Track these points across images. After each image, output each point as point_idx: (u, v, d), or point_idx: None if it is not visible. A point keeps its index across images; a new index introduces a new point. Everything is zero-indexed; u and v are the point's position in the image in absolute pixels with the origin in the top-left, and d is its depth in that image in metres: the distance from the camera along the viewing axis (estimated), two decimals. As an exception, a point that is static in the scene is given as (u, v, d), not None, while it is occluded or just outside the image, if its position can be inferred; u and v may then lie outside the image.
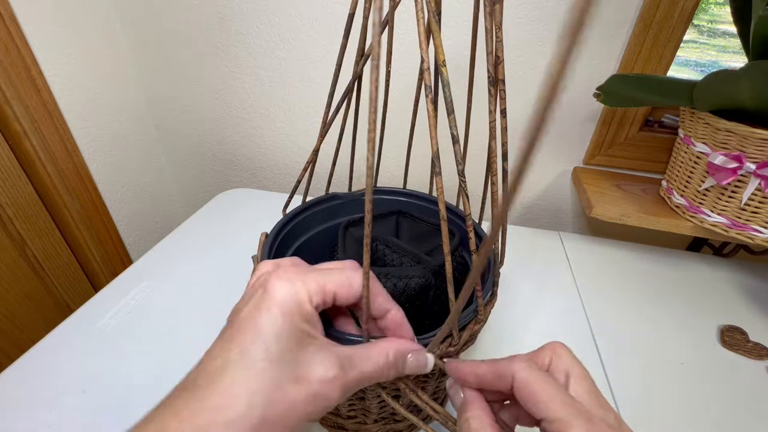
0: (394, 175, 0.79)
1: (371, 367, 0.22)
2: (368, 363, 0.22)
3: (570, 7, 0.31)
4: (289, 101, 0.75)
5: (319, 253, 0.41)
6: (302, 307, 0.21)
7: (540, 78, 0.63)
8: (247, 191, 0.77)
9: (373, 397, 0.31)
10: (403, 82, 0.64)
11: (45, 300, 0.72)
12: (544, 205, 0.77)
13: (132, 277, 0.55)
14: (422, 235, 0.42)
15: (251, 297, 0.22)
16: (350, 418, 0.35)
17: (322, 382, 0.20)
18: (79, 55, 0.68)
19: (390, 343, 0.24)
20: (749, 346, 0.48)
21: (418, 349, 0.25)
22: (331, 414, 0.35)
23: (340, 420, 0.35)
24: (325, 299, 0.22)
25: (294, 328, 0.21)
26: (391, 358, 0.23)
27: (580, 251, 0.64)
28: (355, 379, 0.22)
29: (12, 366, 0.42)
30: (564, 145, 0.69)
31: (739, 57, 0.93)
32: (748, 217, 0.51)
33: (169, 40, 0.74)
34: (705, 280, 0.59)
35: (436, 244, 0.39)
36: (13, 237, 0.65)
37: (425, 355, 0.25)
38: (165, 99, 0.82)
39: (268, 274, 0.22)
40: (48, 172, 0.66)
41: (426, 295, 0.33)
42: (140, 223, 0.88)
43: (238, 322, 0.21)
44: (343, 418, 0.35)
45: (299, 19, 0.66)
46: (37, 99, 0.62)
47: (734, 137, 0.47)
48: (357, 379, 0.22)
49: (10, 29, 0.57)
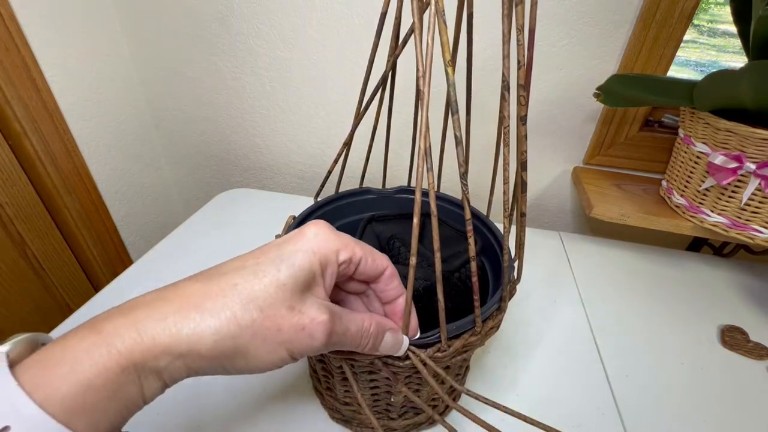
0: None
1: (355, 327, 0.24)
2: (353, 324, 0.24)
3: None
4: (290, 101, 0.75)
5: None
6: (326, 256, 0.23)
7: (539, 78, 0.63)
8: (247, 191, 0.77)
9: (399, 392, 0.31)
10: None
11: (45, 300, 0.72)
12: (544, 205, 0.77)
13: (132, 277, 0.55)
14: (446, 240, 0.42)
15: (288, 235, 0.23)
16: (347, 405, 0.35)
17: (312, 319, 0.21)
18: (79, 55, 0.68)
19: (374, 317, 0.25)
20: (749, 346, 0.48)
21: (396, 328, 0.26)
22: (330, 397, 0.36)
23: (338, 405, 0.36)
24: (351, 259, 0.24)
25: (310, 269, 0.22)
26: (372, 329, 0.25)
27: (580, 251, 0.64)
28: (340, 332, 0.23)
29: (12, 366, 0.42)
30: (564, 145, 0.69)
31: (739, 57, 0.94)
32: (748, 217, 0.51)
33: (170, 40, 0.74)
34: (705, 280, 0.59)
35: (457, 250, 0.39)
36: (13, 237, 0.65)
37: (401, 337, 0.26)
38: (165, 99, 0.82)
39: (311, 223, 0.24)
40: (48, 172, 0.66)
41: (431, 298, 0.33)
42: (140, 223, 0.88)
43: (266, 246, 0.23)
44: (341, 403, 0.35)
45: (300, 19, 0.66)
46: (37, 99, 0.62)
47: (734, 137, 0.47)
48: (341, 333, 0.23)
49: (10, 29, 0.57)
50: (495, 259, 0.37)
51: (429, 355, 0.26)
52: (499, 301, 0.30)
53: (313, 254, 0.22)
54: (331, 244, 0.23)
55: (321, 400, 0.39)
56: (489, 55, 0.61)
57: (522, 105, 0.24)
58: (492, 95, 0.61)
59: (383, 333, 0.25)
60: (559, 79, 0.63)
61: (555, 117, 0.66)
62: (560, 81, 0.63)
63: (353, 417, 0.36)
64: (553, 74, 0.63)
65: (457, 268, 0.36)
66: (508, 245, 0.28)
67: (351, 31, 0.66)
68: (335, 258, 0.23)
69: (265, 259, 0.21)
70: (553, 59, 0.61)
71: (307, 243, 0.22)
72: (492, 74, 0.62)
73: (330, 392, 0.36)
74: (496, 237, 0.38)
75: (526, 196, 0.27)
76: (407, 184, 0.46)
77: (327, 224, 0.24)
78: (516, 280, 0.34)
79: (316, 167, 0.83)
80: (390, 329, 0.25)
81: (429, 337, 0.27)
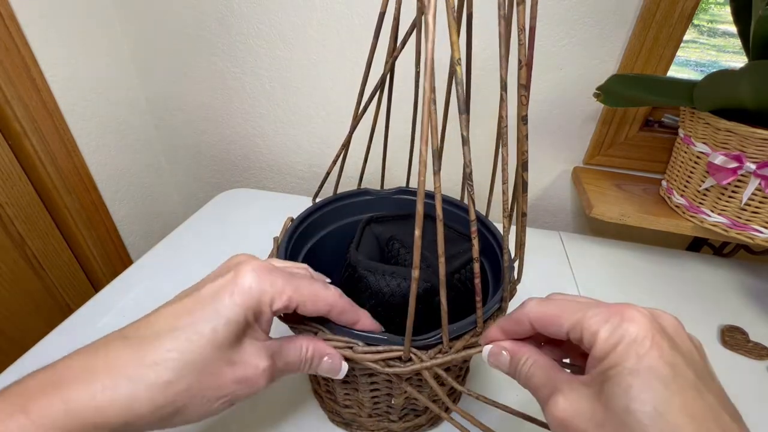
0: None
1: (294, 356, 0.24)
2: (292, 353, 0.24)
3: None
4: (290, 101, 0.75)
5: (341, 246, 0.41)
6: (261, 307, 0.23)
7: (539, 78, 0.63)
8: (247, 191, 0.77)
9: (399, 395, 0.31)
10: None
11: (45, 300, 0.72)
12: (544, 205, 0.77)
13: (132, 277, 0.55)
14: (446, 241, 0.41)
15: (221, 275, 0.23)
16: (371, 417, 0.35)
17: (254, 368, 0.22)
18: (79, 55, 0.68)
19: (311, 340, 0.26)
20: (749, 346, 0.48)
21: (333, 353, 0.26)
22: (330, 400, 0.36)
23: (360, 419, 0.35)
24: (287, 306, 0.23)
25: (246, 321, 0.22)
26: (308, 354, 0.25)
27: (580, 251, 0.64)
28: (280, 369, 0.24)
29: (12, 366, 0.42)
30: (564, 145, 0.69)
31: (739, 57, 0.93)
32: (748, 217, 0.51)
33: (170, 40, 0.74)
34: (705, 280, 0.59)
35: (456, 251, 0.39)
36: (13, 237, 0.65)
37: (340, 362, 0.26)
38: (165, 99, 0.82)
39: (246, 261, 0.24)
40: (48, 172, 0.66)
41: (430, 300, 0.33)
42: (140, 223, 0.88)
43: (199, 296, 0.22)
44: (341, 406, 0.35)
45: (300, 19, 0.66)
46: (37, 99, 0.62)
47: (734, 137, 0.47)
48: (282, 369, 0.24)
49: (10, 29, 0.57)
50: (494, 260, 0.37)
51: (430, 357, 0.26)
52: (500, 302, 0.30)
53: (247, 308, 0.22)
54: (266, 294, 0.22)
55: (321, 403, 0.39)
56: (488, 55, 0.61)
57: (523, 105, 0.23)
58: (491, 95, 0.61)
59: (320, 358, 0.25)
60: (559, 79, 0.63)
61: (555, 117, 0.66)
62: (560, 81, 0.63)
63: (353, 420, 0.36)
64: (553, 74, 0.63)
65: (456, 269, 0.36)
66: (508, 245, 0.28)
67: (351, 31, 0.66)
68: (269, 309, 0.23)
69: (200, 316, 0.21)
70: (553, 59, 0.61)
71: (240, 295, 0.22)
72: (491, 74, 0.62)
73: (330, 395, 0.36)
74: (495, 237, 0.37)
75: (527, 196, 0.27)
76: (406, 185, 0.46)
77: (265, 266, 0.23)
78: (516, 280, 0.34)
79: (316, 167, 0.83)
80: (327, 354, 0.25)
81: (430, 339, 0.26)
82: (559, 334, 0.20)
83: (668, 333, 0.18)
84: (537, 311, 0.21)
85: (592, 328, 0.18)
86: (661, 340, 0.17)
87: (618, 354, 0.17)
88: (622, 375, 0.17)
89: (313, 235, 0.42)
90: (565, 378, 0.20)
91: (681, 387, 0.16)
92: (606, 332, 0.18)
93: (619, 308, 0.18)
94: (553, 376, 0.20)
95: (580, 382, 0.19)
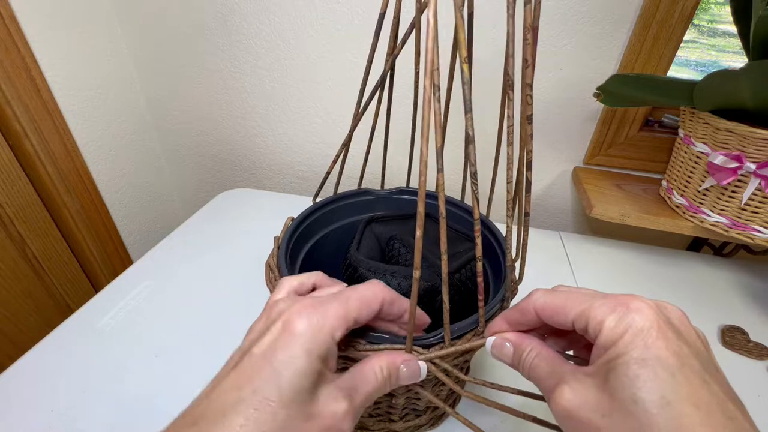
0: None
1: (371, 387, 0.23)
2: (367, 384, 0.22)
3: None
4: (290, 101, 0.75)
5: (342, 246, 0.41)
6: (324, 346, 0.21)
7: (539, 78, 0.63)
8: (247, 191, 0.77)
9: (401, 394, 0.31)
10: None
11: (45, 300, 0.72)
12: (544, 205, 0.77)
13: (132, 277, 0.55)
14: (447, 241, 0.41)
15: (268, 329, 0.21)
16: (371, 417, 0.35)
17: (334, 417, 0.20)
18: (79, 55, 0.68)
19: (380, 358, 0.24)
20: (750, 346, 0.48)
21: (409, 359, 0.24)
22: None
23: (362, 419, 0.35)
24: (348, 327, 0.22)
25: (311, 369, 0.20)
26: (385, 373, 0.23)
27: (580, 251, 0.64)
28: (361, 404, 0.22)
29: (12, 366, 0.42)
30: (564, 145, 0.69)
31: (739, 57, 0.94)
32: (748, 217, 0.51)
33: (169, 40, 0.74)
34: (705, 280, 0.59)
35: (456, 251, 0.39)
36: (13, 237, 0.65)
37: (417, 364, 0.25)
38: (165, 99, 0.82)
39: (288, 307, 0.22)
40: (48, 172, 0.66)
41: (432, 299, 0.33)
42: (140, 223, 0.88)
43: (254, 357, 0.20)
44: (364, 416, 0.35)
45: (300, 20, 0.66)
46: (37, 99, 0.62)
47: (734, 137, 0.47)
48: (363, 403, 0.22)
49: (10, 29, 0.57)
50: (495, 260, 0.37)
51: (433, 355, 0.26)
52: (501, 301, 0.30)
53: (310, 353, 0.20)
54: (324, 333, 0.21)
55: None
56: (490, 55, 0.61)
57: (528, 104, 0.23)
58: (492, 95, 0.61)
59: (396, 368, 0.24)
60: (559, 79, 0.63)
61: (555, 117, 0.66)
62: (560, 81, 0.63)
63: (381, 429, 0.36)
64: (553, 74, 0.63)
65: (456, 269, 0.36)
66: (511, 245, 0.28)
67: (351, 31, 0.66)
68: (333, 343, 0.21)
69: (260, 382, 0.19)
70: (553, 59, 0.61)
71: (298, 344, 0.20)
72: (493, 73, 0.62)
73: None
74: (496, 237, 0.37)
75: (530, 196, 0.27)
76: (406, 185, 0.46)
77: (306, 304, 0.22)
78: (518, 280, 0.34)
79: (316, 167, 0.83)
80: (403, 362, 0.24)
81: (431, 338, 0.26)
82: (565, 324, 0.20)
83: (674, 324, 0.18)
84: (543, 301, 0.21)
85: (598, 318, 0.18)
86: (668, 330, 0.17)
87: (624, 343, 0.17)
88: (628, 364, 0.17)
89: (313, 235, 0.42)
90: (569, 369, 0.20)
91: (687, 376, 0.16)
92: (612, 322, 0.18)
93: (625, 299, 0.19)
94: (558, 368, 0.20)
95: (584, 373, 0.19)
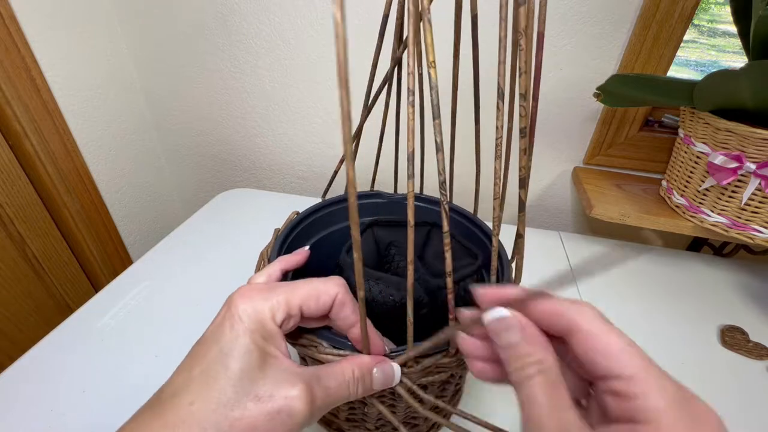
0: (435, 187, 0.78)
1: (336, 381, 0.22)
2: (333, 378, 0.22)
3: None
4: (290, 101, 0.75)
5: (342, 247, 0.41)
6: (264, 325, 0.21)
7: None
8: (247, 191, 0.77)
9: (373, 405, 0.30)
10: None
11: (45, 300, 0.72)
12: (544, 205, 0.77)
13: (132, 277, 0.55)
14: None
15: (218, 314, 0.22)
16: (348, 420, 0.34)
17: (284, 399, 0.20)
18: (79, 55, 0.68)
19: (355, 359, 0.23)
20: (749, 346, 0.48)
21: (382, 360, 0.24)
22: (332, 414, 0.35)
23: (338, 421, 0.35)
24: (290, 313, 0.22)
25: (255, 347, 0.20)
26: (356, 374, 0.23)
27: (580, 251, 0.64)
28: (322, 394, 0.21)
29: (12, 366, 0.42)
30: (564, 145, 0.69)
31: (739, 57, 0.94)
32: (748, 217, 0.51)
33: (169, 40, 0.74)
34: (705, 280, 0.59)
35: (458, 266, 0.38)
36: (13, 237, 0.65)
37: (391, 365, 0.24)
38: (165, 99, 0.82)
39: (236, 290, 0.23)
40: (48, 172, 0.66)
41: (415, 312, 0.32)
42: (140, 223, 0.88)
43: (203, 339, 0.21)
44: (341, 420, 0.35)
45: (300, 20, 0.66)
46: (37, 99, 0.62)
47: (734, 137, 0.47)
48: (324, 395, 0.22)
49: (10, 29, 0.57)
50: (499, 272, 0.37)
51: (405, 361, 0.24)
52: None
53: (252, 333, 0.21)
54: (263, 313, 0.21)
55: None
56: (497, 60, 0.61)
57: (522, 116, 0.21)
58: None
59: (369, 371, 0.23)
60: (559, 79, 0.63)
61: (555, 117, 0.66)
62: (560, 81, 0.63)
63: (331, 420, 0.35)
64: (553, 74, 0.63)
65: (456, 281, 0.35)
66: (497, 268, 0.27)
67: (351, 31, 0.66)
68: (274, 324, 0.22)
69: (208, 362, 0.20)
70: (553, 59, 0.61)
71: (240, 324, 0.21)
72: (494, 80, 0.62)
73: None
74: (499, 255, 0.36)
75: (524, 215, 0.25)
76: (420, 191, 0.45)
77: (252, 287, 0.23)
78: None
79: (316, 167, 0.83)
80: (377, 364, 0.23)
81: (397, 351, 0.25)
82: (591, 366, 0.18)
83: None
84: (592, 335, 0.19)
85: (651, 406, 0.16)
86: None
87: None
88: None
89: (316, 233, 0.41)
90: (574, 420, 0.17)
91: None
92: None
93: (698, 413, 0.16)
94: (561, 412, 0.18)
95: None
